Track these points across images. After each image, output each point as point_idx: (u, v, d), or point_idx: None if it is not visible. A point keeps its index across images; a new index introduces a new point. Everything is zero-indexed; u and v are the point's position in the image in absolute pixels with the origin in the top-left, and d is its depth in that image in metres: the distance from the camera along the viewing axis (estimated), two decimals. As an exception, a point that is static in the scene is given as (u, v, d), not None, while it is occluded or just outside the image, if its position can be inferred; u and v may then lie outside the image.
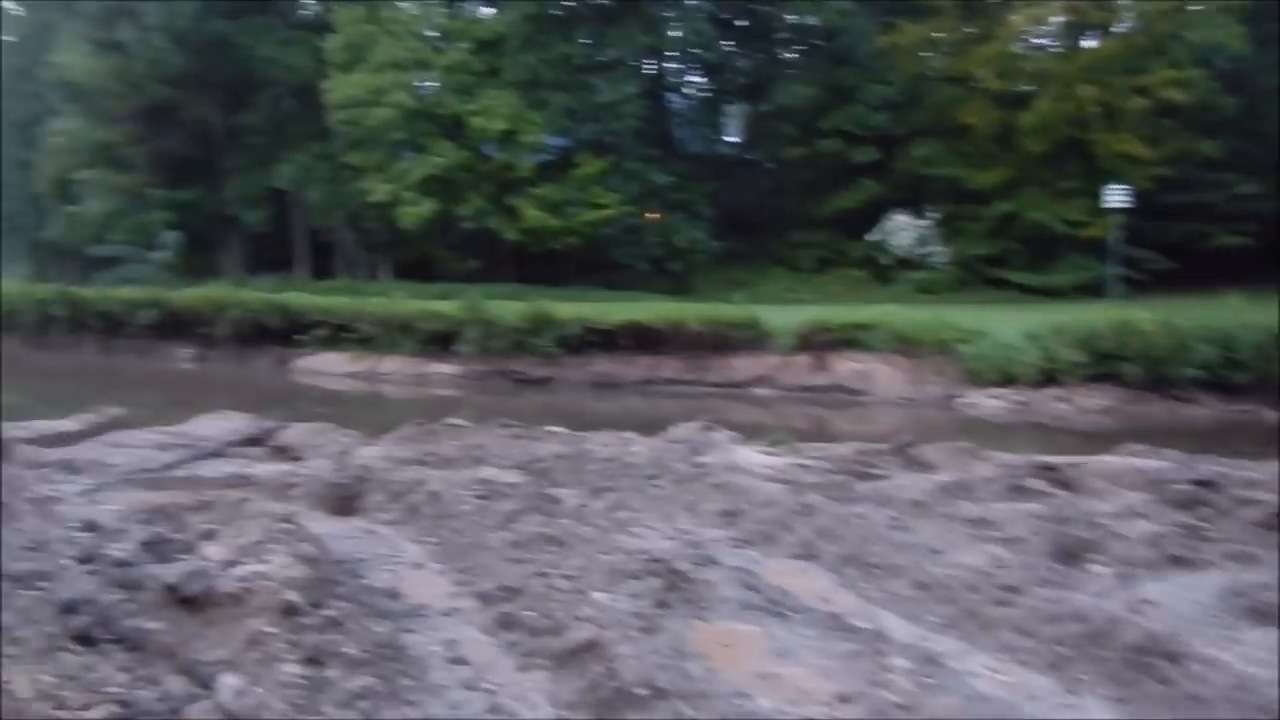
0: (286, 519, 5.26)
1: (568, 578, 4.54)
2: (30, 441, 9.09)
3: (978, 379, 20.28)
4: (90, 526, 4.07)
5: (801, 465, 8.00)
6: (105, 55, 40.01)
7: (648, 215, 36.31)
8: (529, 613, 4.19)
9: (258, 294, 28.93)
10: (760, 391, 22.45)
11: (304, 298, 28.62)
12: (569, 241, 35.10)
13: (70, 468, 7.74)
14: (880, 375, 21.49)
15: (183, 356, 28.53)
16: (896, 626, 4.36)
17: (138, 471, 7.73)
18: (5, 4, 53.34)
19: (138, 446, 8.82)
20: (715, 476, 7.34)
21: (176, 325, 28.67)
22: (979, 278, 32.90)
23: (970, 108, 33.12)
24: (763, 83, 39.74)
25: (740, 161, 42.84)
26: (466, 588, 4.72)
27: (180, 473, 7.82)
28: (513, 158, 35.65)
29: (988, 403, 19.85)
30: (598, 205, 34.58)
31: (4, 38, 53.92)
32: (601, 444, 8.96)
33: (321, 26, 39.08)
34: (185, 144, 42.48)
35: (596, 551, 4.87)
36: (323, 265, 42.13)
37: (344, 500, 6.86)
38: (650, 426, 14.85)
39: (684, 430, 9.81)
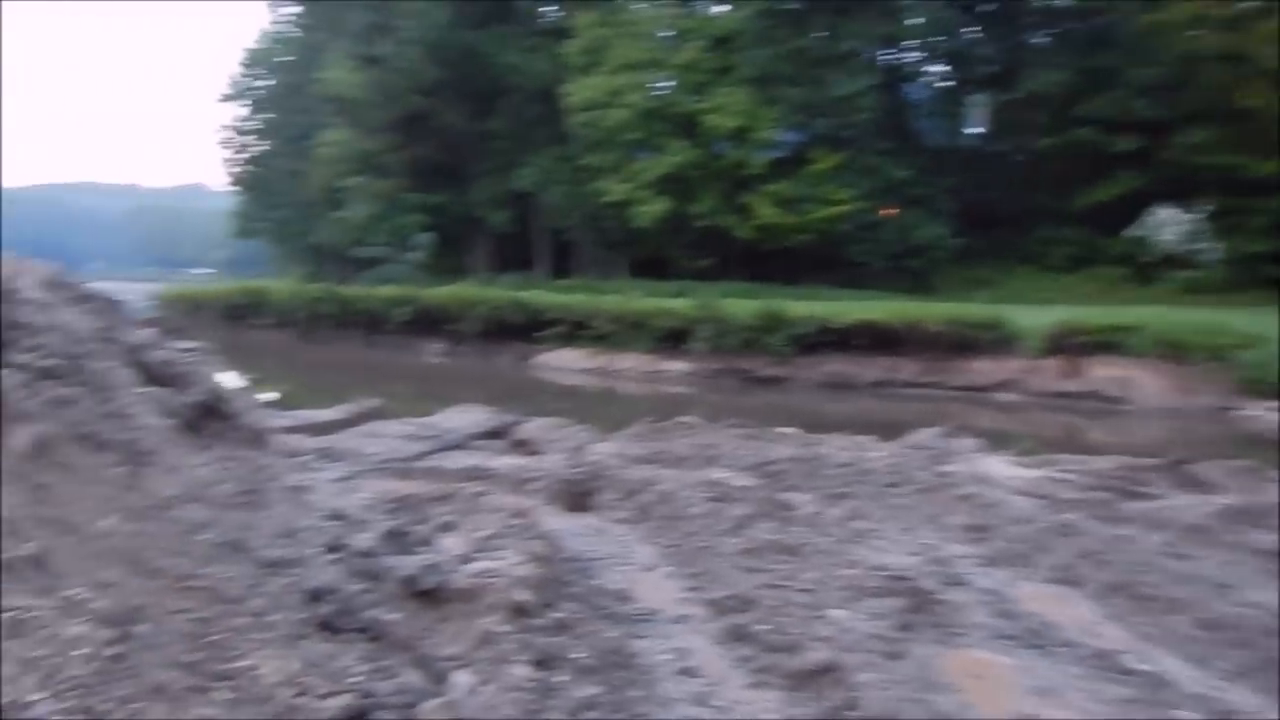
0: (521, 514, 5.30)
1: (803, 591, 4.30)
2: (294, 430, 9.70)
3: (1257, 390, 18.33)
4: (338, 515, 4.20)
5: (1058, 479, 7.37)
6: (367, 69, 42.95)
7: (884, 211, 35.21)
8: (762, 626, 3.98)
9: (501, 292, 30.20)
10: (1005, 396, 21.24)
11: (543, 295, 29.63)
12: (802, 239, 34.55)
13: (328, 455, 8.18)
14: (1142, 382, 19.84)
15: (433, 351, 30.17)
16: (1179, 671, 3.84)
17: (388, 461, 8.08)
18: (282, 26, 58.43)
19: (389, 437, 9.25)
20: (961, 487, 6.87)
21: (428, 321, 30.37)
22: (1256, 277, 29.70)
23: (1248, 90, 29.91)
24: (1010, 70, 37.59)
25: (984, 153, 40.75)
26: (697, 594, 4.56)
27: (426, 463, 8.11)
28: (745, 155, 35.48)
29: (1269, 416, 17.88)
30: (832, 201, 33.84)
31: (282, 58, 59.13)
32: (837, 448, 8.62)
33: (561, 32, 40.32)
34: (437, 151, 45.00)
35: (833, 564, 4.59)
36: (562, 264, 43.52)
37: (577, 496, 6.89)
38: (887, 430, 14.30)
39: (925, 436, 9.30)
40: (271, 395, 23.25)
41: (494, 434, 10.32)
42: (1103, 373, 20.36)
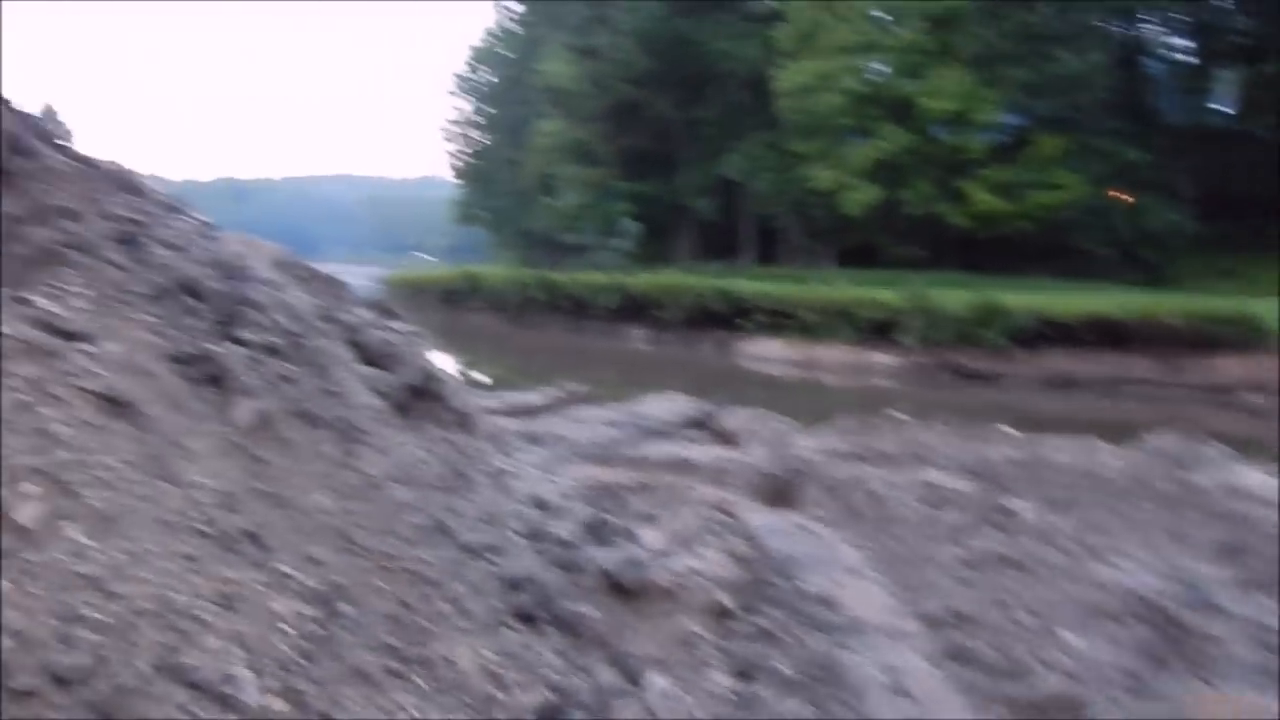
0: (723, 509, 5.14)
1: (1031, 610, 3.93)
2: (500, 412, 9.91)
3: None
4: (539, 502, 4.15)
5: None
6: (582, 61, 43.85)
7: (1115, 195, 32.83)
8: (984, 646, 3.65)
9: (705, 280, 30.15)
10: (1252, 398, 19.37)
11: (747, 284, 29.37)
12: (1021, 226, 32.68)
13: (531, 439, 8.27)
14: None
15: (637, 337, 30.51)
16: None
17: (589, 447, 8.10)
18: (504, 21, 60.59)
19: (592, 422, 9.29)
20: (1210, 501, 6.22)
21: (634, 308, 30.72)
22: None
23: None
24: (1264, 41, 34.21)
25: (1231, 133, 37.26)
26: (910, 606, 4.26)
27: (627, 451, 8.08)
28: (963, 139, 33.86)
29: None
30: (1056, 187, 31.81)
31: (505, 54, 61.34)
32: (1063, 450, 8.01)
33: (772, 17, 39.72)
34: (646, 139, 45.44)
35: (1065, 581, 4.18)
36: (767, 253, 43.09)
37: (780, 492, 6.67)
38: (1118, 433, 13.30)
39: (1164, 441, 8.52)
40: (483, 377, 24.23)
41: (695, 423, 10.22)
42: (1373, 373, 18.31)
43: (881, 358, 23.95)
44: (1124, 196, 32.76)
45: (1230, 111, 37.17)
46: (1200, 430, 9.57)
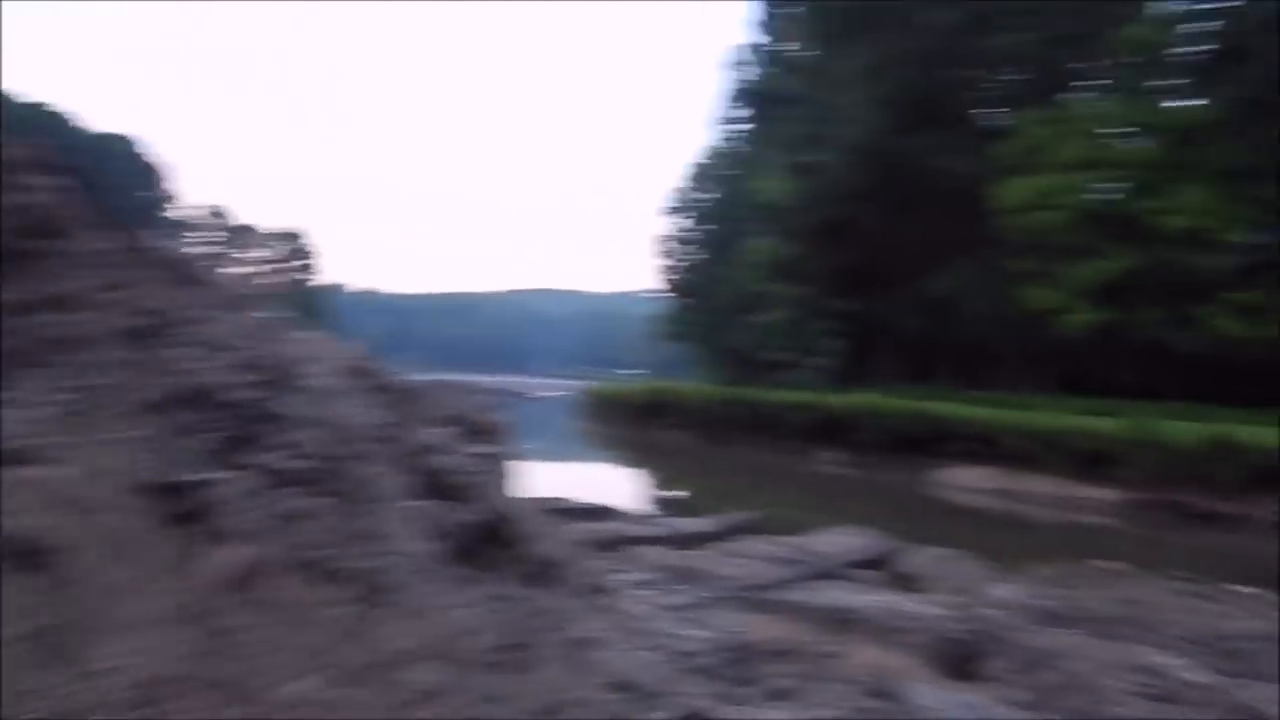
0: (882, 687, 4.19)
1: None
2: (661, 541, 9.21)
3: None
4: (624, 685, 3.33)
5: None
6: (797, 177, 43.82)
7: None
8: None
9: (904, 402, 28.77)
10: None
11: (949, 408, 27.78)
12: (1267, 354, 29.55)
13: (681, 575, 7.52)
14: None
15: (831, 460, 29.27)
16: None
17: (742, 589, 7.24)
18: (725, 139, 61.97)
19: (753, 558, 8.44)
20: None
21: (828, 429, 29.62)
22: None
23: None
24: None
25: None
26: None
27: (787, 594, 7.17)
28: (1202, 259, 31.20)
29: None
30: (1302, 310, 28.72)
31: (722, 170, 62.55)
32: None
33: (992, 133, 38.45)
34: (854, 257, 44.64)
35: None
36: (974, 376, 40.96)
37: (962, 660, 5.60)
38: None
39: None
40: (680, 494, 23.61)
41: (872, 563, 9.16)
42: None
43: (1094, 492, 21.79)
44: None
45: None
46: None
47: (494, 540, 3.41)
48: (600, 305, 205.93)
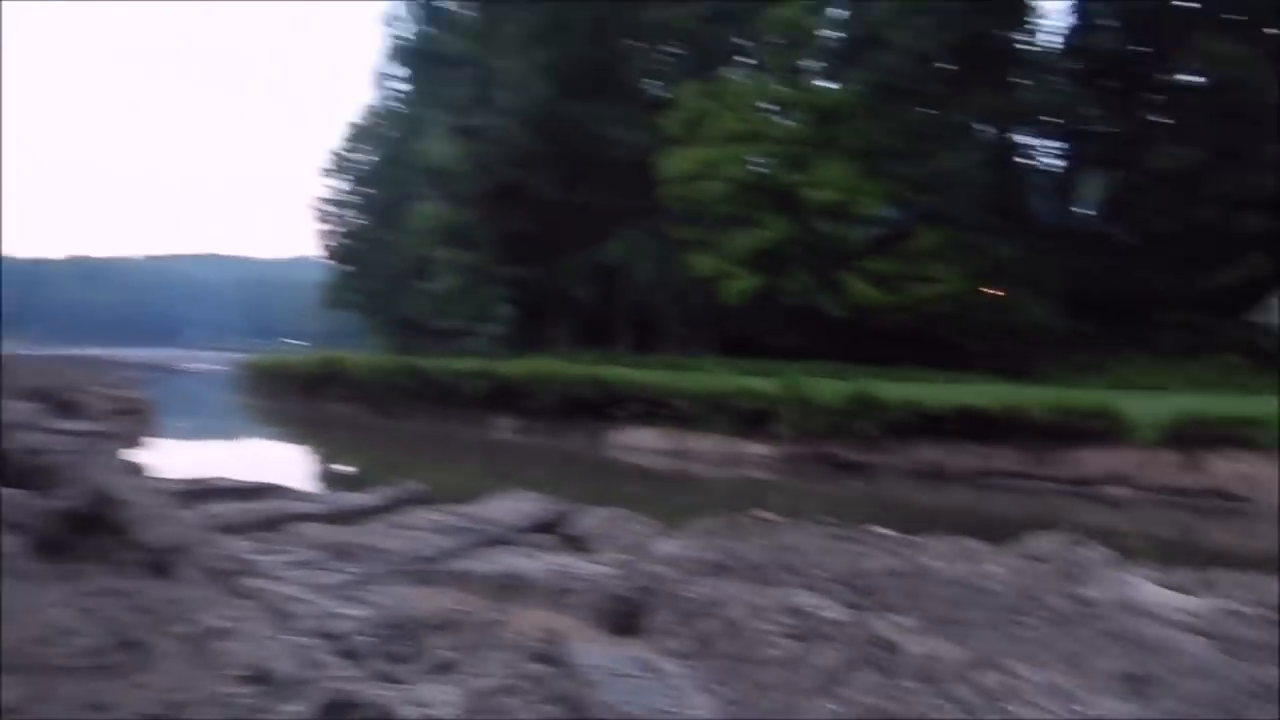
0: (546, 652, 4.07)
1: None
2: (323, 519, 8.70)
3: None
4: (259, 676, 2.95)
5: (1228, 610, 5.85)
6: (464, 141, 43.09)
7: (987, 291, 33.47)
8: None
9: (577, 368, 29.27)
10: (1116, 491, 19.39)
11: (622, 372, 28.58)
12: (899, 319, 32.95)
13: (342, 553, 7.09)
14: (1269, 481, 17.85)
15: (506, 427, 29.29)
16: None
17: (408, 561, 6.94)
18: (386, 99, 59.68)
19: (421, 529, 8.14)
20: (1107, 618, 5.44)
21: (504, 396, 29.54)
22: (1389, 366, 27.18)
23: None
24: (1131, 147, 35.67)
25: (1098, 233, 38.71)
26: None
27: (454, 564, 6.94)
28: (844, 230, 34.22)
29: None
30: (933, 280, 32.27)
31: (385, 133, 60.27)
32: (944, 558, 7.22)
33: (660, 104, 39.81)
34: (526, 223, 44.74)
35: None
36: (645, 341, 42.58)
37: (626, 616, 5.65)
38: (991, 530, 12.71)
39: (1047, 545, 7.83)
40: (350, 468, 22.63)
41: (544, 526, 9.15)
42: (1226, 468, 18.47)
43: (756, 448, 23.31)
44: (995, 292, 33.43)
45: (1097, 212, 38.71)
46: (1075, 528, 8.95)
47: (96, 528, 2.93)
48: (265, 272, 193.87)
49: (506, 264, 43.60)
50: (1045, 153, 40.01)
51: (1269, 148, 30.64)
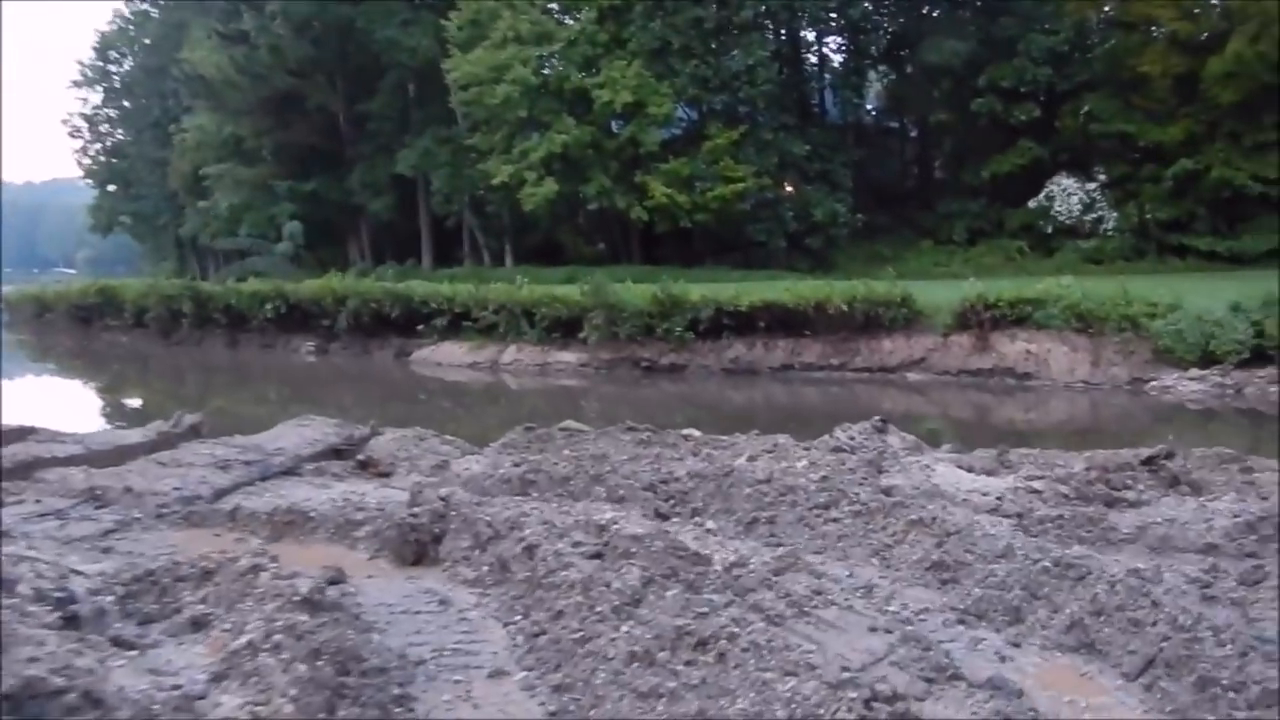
0: (316, 600, 3.59)
1: (740, 714, 2.75)
2: (84, 461, 7.78)
3: (1172, 359, 17.67)
4: None
5: (1027, 489, 5.95)
6: (231, 48, 39.97)
7: (784, 188, 34.06)
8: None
9: (377, 284, 28.07)
10: (914, 376, 20.26)
11: (425, 286, 27.60)
12: (700, 219, 33.09)
13: (100, 498, 6.31)
14: (1054, 356, 19.05)
15: (305, 349, 27.89)
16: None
17: (178, 502, 6.25)
18: (137, 3, 54.53)
19: (194, 465, 7.38)
20: (912, 507, 5.40)
21: (300, 318, 28.07)
22: (1156, 245, 29.49)
23: (1148, 55, 29.60)
24: (909, 41, 36.69)
25: (882, 128, 39.99)
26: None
27: (230, 501, 6.30)
28: (639, 132, 33.82)
29: (1187, 386, 17.19)
30: (730, 179, 32.48)
31: (140, 40, 55.23)
32: (751, 456, 7.09)
33: (444, 6, 37.96)
34: (311, 134, 42.29)
35: (769, 664, 3.00)
36: (448, 253, 41.39)
37: (419, 546, 5.21)
38: (801, 424, 12.95)
39: (851, 433, 7.84)
40: (127, 402, 20.91)
41: (336, 453, 8.52)
42: (1014, 348, 19.55)
43: (566, 356, 23.04)
44: (791, 189, 34.04)
45: (881, 106, 39.81)
46: (879, 415, 9.07)
47: None
48: (20, 197, 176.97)
49: (293, 179, 41.16)
50: (832, 48, 40.78)
51: (1035, 39, 32.15)
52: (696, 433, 9.03)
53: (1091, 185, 31.30)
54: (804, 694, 2.75)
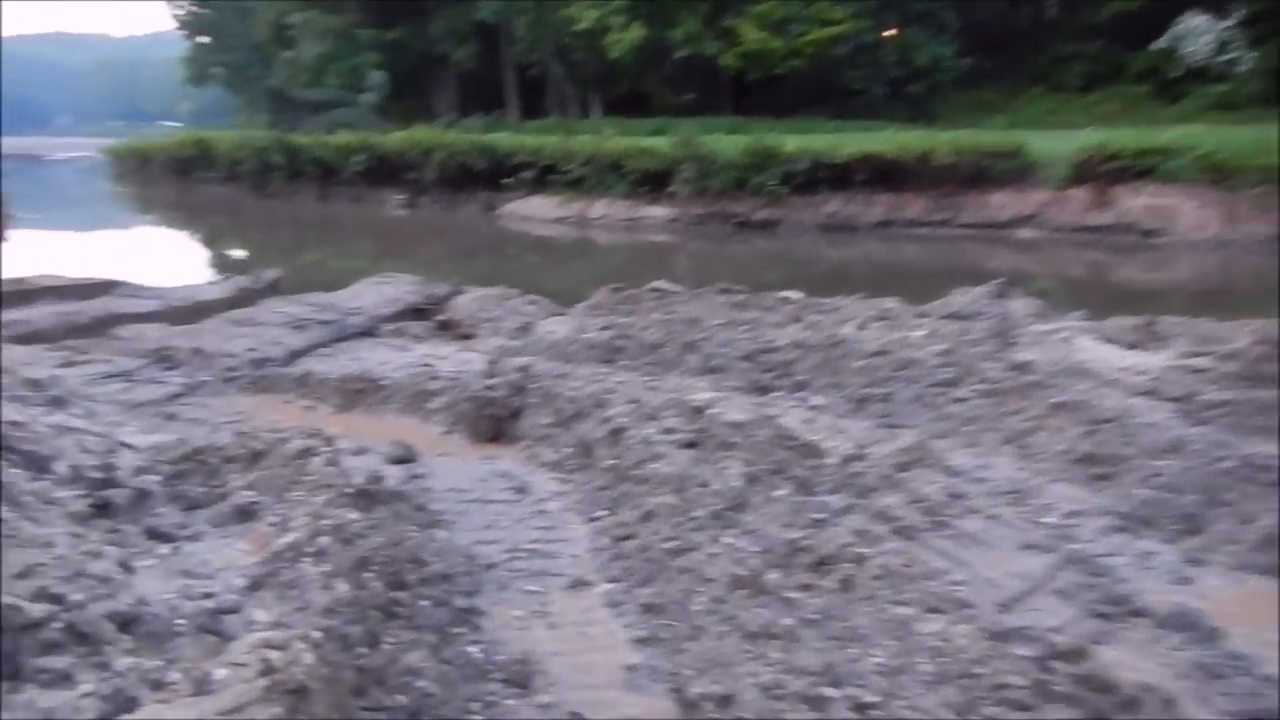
0: (373, 490, 3.14)
1: (878, 669, 2.21)
2: (158, 317, 7.52)
3: (1316, 214, 16.20)
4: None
5: (1187, 368, 5.19)
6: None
7: (885, 33, 31.89)
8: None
9: (464, 136, 27.41)
10: (1026, 233, 19.09)
11: (511, 138, 26.86)
12: (794, 66, 31.26)
13: (169, 359, 5.99)
14: (1183, 212, 17.65)
15: (393, 203, 27.64)
16: None
17: (249, 365, 5.89)
18: None
19: (270, 324, 7.04)
20: (1052, 386, 4.72)
21: (388, 170, 27.72)
22: (1295, 89, 26.91)
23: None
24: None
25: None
26: (662, 669, 2.46)
27: (303, 365, 5.92)
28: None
29: (1332, 242, 15.76)
30: (826, 22, 30.47)
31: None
32: (859, 324, 6.42)
33: None
34: (393, -22, 40.94)
35: (907, 598, 2.45)
36: (534, 104, 40.22)
37: (497, 420, 4.75)
38: (906, 284, 12.14)
39: (972, 299, 7.08)
40: (240, 253, 20.94)
41: (416, 312, 8.11)
42: (1138, 202, 18.19)
43: (655, 211, 22.28)
44: (893, 32, 31.87)
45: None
46: (990, 276, 8.26)
47: None
48: (124, 51, 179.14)
49: (376, 27, 40.13)
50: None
51: None
52: (797, 295, 8.35)
53: (1225, 23, 28.46)
54: (956, 643, 2.19)
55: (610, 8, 32.09)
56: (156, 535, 3.09)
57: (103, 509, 3.13)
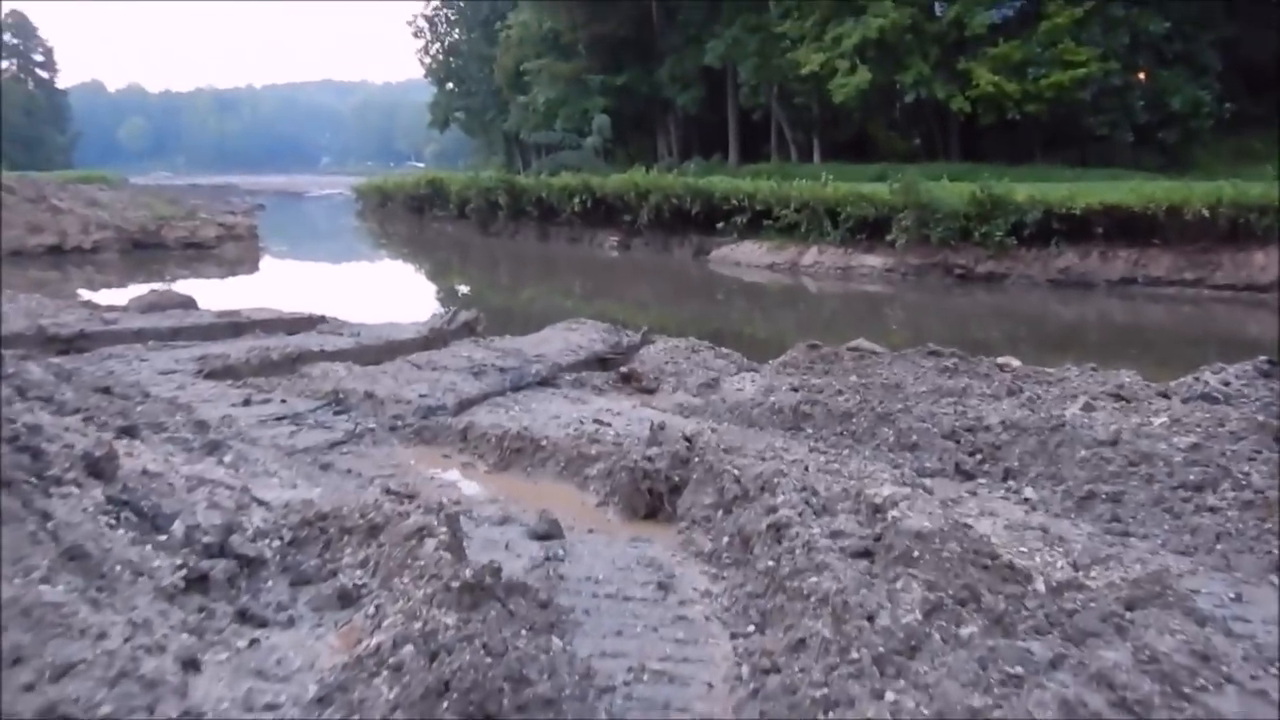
0: (477, 583, 2.72)
1: None
2: (348, 356, 7.55)
3: None
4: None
5: None
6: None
7: (1135, 73, 29.66)
8: None
9: (678, 179, 27.48)
10: (1291, 298, 16.99)
11: (726, 182, 26.71)
12: (1031, 109, 29.58)
13: (341, 403, 5.90)
14: None
15: (608, 243, 28.01)
16: None
17: (416, 413, 5.70)
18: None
19: (449, 369, 6.90)
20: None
21: (605, 212, 28.19)
22: None
23: None
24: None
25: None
26: None
27: (467, 417, 5.68)
28: (965, 13, 30.54)
29: None
30: (1070, 63, 28.66)
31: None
32: (1087, 405, 5.58)
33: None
34: (623, 26, 42.04)
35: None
36: (755, 148, 40.09)
37: (654, 495, 4.29)
38: (1145, 351, 10.93)
39: (1231, 379, 6.08)
40: (462, 287, 21.75)
41: (601, 361, 7.81)
42: None
43: (871, 260, 21.43)
44: (1143, 73, 29.62)
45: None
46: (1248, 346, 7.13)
47: None
48: (383, 96, 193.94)
49: (604, 72, 41.24)
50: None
51: None
52: (1015, 362, 7.52)
53: None
54: None
55: (837, 51, 31.51)
56: (247, 618, 2.79)
57: (199, 582, 2.88)
